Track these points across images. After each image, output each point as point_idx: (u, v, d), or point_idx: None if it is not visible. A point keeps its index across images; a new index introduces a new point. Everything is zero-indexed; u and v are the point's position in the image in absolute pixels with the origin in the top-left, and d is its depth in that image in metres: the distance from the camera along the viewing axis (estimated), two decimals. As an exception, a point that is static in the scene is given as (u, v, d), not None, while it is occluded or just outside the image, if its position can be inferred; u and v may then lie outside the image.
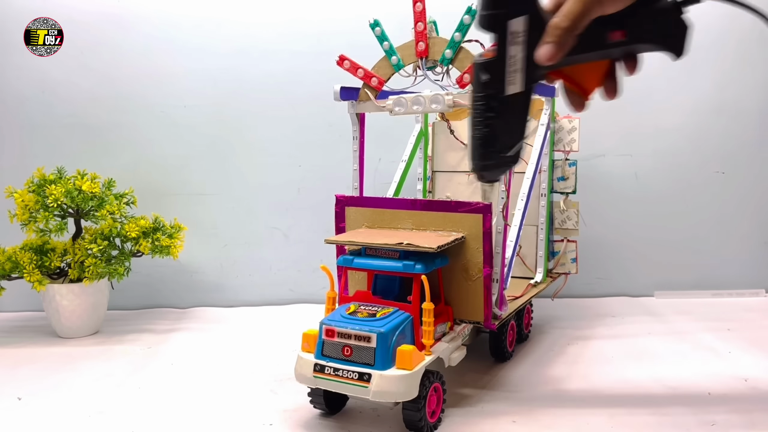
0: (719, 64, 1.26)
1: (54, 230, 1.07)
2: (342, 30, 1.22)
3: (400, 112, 0.83)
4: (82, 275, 1.08)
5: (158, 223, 1.14)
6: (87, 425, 0.75)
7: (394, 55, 0.84)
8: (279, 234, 1.30)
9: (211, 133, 1.27)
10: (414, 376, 0.67)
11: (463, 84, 0.79)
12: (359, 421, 0.75)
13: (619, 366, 0.91)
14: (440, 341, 0.76)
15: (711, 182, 1.29)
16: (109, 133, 1.25)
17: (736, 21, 1.25)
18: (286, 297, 1.30)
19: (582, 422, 0.73)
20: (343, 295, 0.85)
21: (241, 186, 1.29)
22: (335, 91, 0.88)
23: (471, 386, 0.84)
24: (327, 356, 0.70)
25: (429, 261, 0.73)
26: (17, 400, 0.82)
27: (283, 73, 1.25)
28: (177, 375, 0.91)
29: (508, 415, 0.75)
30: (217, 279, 1.30)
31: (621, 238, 1.30)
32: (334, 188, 0.95)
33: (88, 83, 1.24)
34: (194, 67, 1.25)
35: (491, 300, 0.78)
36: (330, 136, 1.26)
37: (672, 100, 1.27)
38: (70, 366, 0.95)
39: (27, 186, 1.08)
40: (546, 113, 0.98)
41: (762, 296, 1.28)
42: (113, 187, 1.13)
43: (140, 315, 1.23)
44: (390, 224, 0.84)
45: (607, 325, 1.11)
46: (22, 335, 1.12)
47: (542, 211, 1.04)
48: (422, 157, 1.11)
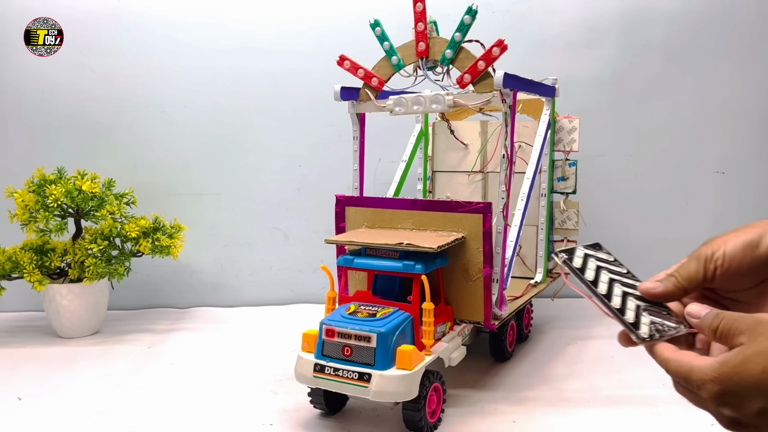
0: (719, 64, 1.26)
1: (54, 230, 1.07)
2: (342, 30, 1.22)
3: (401, 112, 0.83)
4: (82, 275, 1.08)
5: (158, 223, 1.14)
6: (87, 425, 0.75)
7: (395, 55, 0.84)
8: (279, 234, 1.30)
9: (211, 133, 1.27)
10: (414, 376, 0.67)
11: (463, 84, 0.79)
12: (359, 421, 0.75)
13: (619, 366, 0.91)
14: (440, 341, 0.76)
15: (711, 182, 1.29)
16: (109, 133, 1.25)
17: (737, 21, 1.25)
18: (286, 297, 1.30)
19: (582, 422, 0.73)
20: (343, 295, 0.85)
21: (241, 186, 1.29)
22: (335, 91, 0.88)
23: (471, 386, 0.84)
24: (327, 356, 0.70)
25: (429, 261, 0.73)
26: (17, 400, 0.82)
27: (283, 73, 1.25)
28: (177, 375, 0.91)
29: (508, 415, 0.75)
30: (217, 279, 1.30)
31: (621, 238, 1.30)
32: (334, 188, 0.95)
33: (88, 83, 1.24)
34: (194, 67, 1.25)
35: (491, 300, 0.78)
36: (330, 136, 1.26)
37: (672, 100, 1.27)
38: (70, 366, 0.95)
39: (27, 186, 1.08)
40: (546, 113, 0.98)
41: (762, 296, 1.28)
42: (113, 187, 1.13)
43: (140, 315, 1.23)
44: (390, 224, 0.84)
45: (607, 325, 1.10)
46: (22, 335, 1.12)
47: (542, 211, 1.04)
48: (422, 157, 1.11)
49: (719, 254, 0.51)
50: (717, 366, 0.45)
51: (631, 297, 0.53)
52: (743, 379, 0.43)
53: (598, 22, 1.25)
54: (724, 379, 0.44)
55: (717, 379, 0.44)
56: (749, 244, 0.50)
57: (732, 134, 1.28)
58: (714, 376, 0.44)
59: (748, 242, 0.50)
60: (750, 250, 0.50)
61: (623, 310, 0.52)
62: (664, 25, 1.25)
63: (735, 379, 0.44)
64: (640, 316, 0.52)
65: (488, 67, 0.77)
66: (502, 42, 0.75)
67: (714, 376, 0.44)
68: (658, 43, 1.25)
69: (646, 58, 1.26)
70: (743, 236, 0.50)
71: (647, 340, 0.50)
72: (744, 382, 0.43)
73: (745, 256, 0.50)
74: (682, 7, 1.24)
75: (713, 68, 1.26)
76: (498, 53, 0.75)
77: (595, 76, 1.26)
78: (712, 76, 1.26)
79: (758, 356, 0.43)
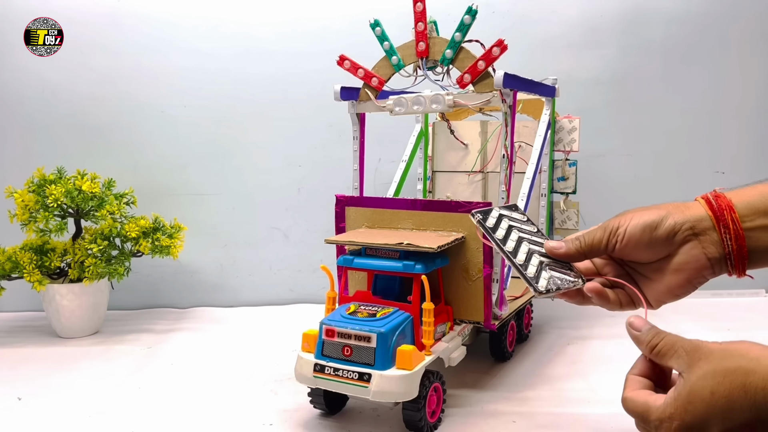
0: (719, 64, 1.26)
1: (54, 230, 1.07)
2: (342, 30, 1.22)
3: (401, 112, 0.83)
4: (82, 275, 1.08)
5: (158, 223, 1.14)
6: (87, 425, 0.75)
7: (395, 55, 0.84)
8: (279, 234, 1.30)
9: (211, 133, 1.27)
10: (414, 376, 0.67)
11: (463, 84, 0.79)
12: (359, 421, 0.75)
13: (619, 366, 0.91)
14: (440, 341, 0.76)
15: (711, 182, 1.29)
16: (109, 133, 1.25)
17: (737, 21, 1.25)
18: (286, 297, 1.30)
19: (582, 422, 0.73)
20: (343, 295, 0.85)
21: (241, 186, 1.29)
22: (335, 91, 0.88)
23: (471, 386, 0.84)
24: (327, 356, 0.70)
25: (429, 261, 0.73)
26: (17, 400, 0.82)
27: (283, 73, 1.25)
28: (177, 375, 0.91)
29: (508, 415, 0.75)
30: (217, 279, 1.30)
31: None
32: (334, 188, 0.95)
33: (88, 83, 1.24)
34: (194, 67, 1.25)
35: (491, 300, 0.78)
36: (330, 136, 1.26)
37: (672, 100, 1.27)
38: (70, 366, 0.95)
39: (27, 186, 1.08)
40: (546, 113, 0.98)
41: (762, 296, 1.28)
42: (113, 187, 1.13)
43: (140, 315, 1.23)
44: (390, 224, 0.84)
45: (607, 325, 1.11)
46: (22, 335, 1.12)
47: (542, 211, 1.04)
48: (422, 157, 1.11)
49: (621, 230, 0.55)
50: (671, 402, 0.46)
51: (536, 254, 0.59)
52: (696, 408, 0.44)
53: (598, 22, 1.25)
54: (680, 412, 0.45)
55: (674, 415, 0.45)
56: (649, 225, 0.54)
57: (732, 134, 1.28)
58: (671, 413, 0.45)
59: (649, 223, 0.54)
60: (648, 231, 0.54)
61: (526, 266, 0.58)
62: (664, 25, 1.25)
63: (690, 409, 0.44)
64: (542, 271, 0.57)
65: (488, 67, 0.77)
66: (502, 42, 0.75)
67: (671, 413, 0.45)
68: (658, 43, 1.25)
69: (646, 58, 1.26)
70: (647, 216, 0.55)
71: (543, 293, 0.55)
72: (698, 411, 0.44)
73: (643, 236, 0.54)
74: (682, 7, 1.24)
75: (713, 68, 1.26)
76: (498, 53, 0.76)
77: (595, 76, 1.26)
78: (712, 76, 1.26)
79: (703, 380, 0.44)
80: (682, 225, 0.53)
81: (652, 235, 0.54)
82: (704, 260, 0.53)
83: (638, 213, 0.55)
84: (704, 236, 0.53)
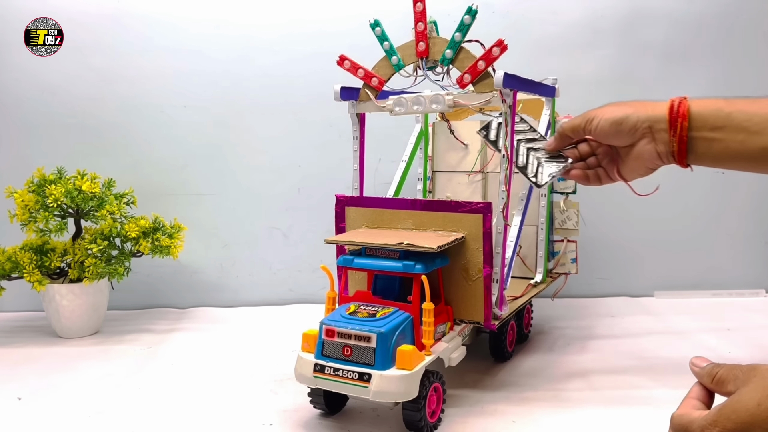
0: (719, 64, 1.26)
1: (54, 230, 1.07)
2: (342, 30, 1.22)
3: (401, 112, 0.84)
4: (82, 275, 1.08)
5: (158, 223, 1.14)
6: (87, 425, 0.75)
7: (395, 55, 0.84)
8: (279, 234, 1.30)
9: (211, 133, 1.27)
10: (414, 376, 0.67)
11: (463, 84, 0.79)
12: (359, 421, 0.75)
13: (619, 366, 0.91)
14: (440, 341, 0.76)
15: (711, 182, 1.29)
16: (109, 133, 1.25)
17: (737, 21, 1.25)
18: (286, 297, 1.30)
19: (582, 422, 0.73)
20: (343, 295, 0.85)
21: (241, 186, 1.29)
22: (335, 91, 0.88)
23: (471, 386, 0.84)
24: (327, 356, 0.70)
25: (429, 261, 0.73)
26: (17, 400, 0.82)
27: (283, 74, 1.25)
28: (177, 375, 0.91)
29: (508, 415, 0.75)
30: (217, 279, 1.30)
31: (621, 238, 1.30)
32: (334, 188, 0.95)
33: (88, 83, 1.24)
34: (194, 67, 1.25)
35: (491, 300, 0.78)
36: (330, 136, 1.26)
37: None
38: (70, 366, 0.95)
39: (27, 186, 1.08)
40: (546, 113, 0.98)
41: (762, 296, 1.28)
42: (113, 187, 1.13)
43: (140, 315, 1.23)
44: (390, 224, 0.84)
45: (607, 325, 1.11)
46: (22, 335, 1.12)
47: (542, 211, 1.03)
48: (422, 157, 1.11)
49: (596, 122, 0.71)
50: (715, 411, 0.47)
51: (532, 151, 0.76)
52: (740, 416, 0.44)
53: (598, 22, 1.25)
54: (723, 420, 0.45)
55: (716, 421, 0.45)
56: (616, 121, 0.70)
57: (732, 134, 1.28)
58: (714, 419, 0.46)
59: (616, 119, 0.70)
60: (615, 126, 0.70)
61: (526, 167, 0.77)
62: (664, 25, 1.25)
63: (733, 417, 0.45)
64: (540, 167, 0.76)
65: (488, 67, 0.77)
66: (502, 42, 0.75)
67: (714, 419, 0.46)
68: (658, 43, 1.25)
69: (646, 58, 1.26)
70: (616, 113, 0.70)
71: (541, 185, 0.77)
72: (741, 419, 0.44)
73: (611, 129, 0.70)
74: (682, 7, 1.24)
75: (713, 68, 1.26)
76: (498, 53, 0.76)
77: (595, 76, 1.26)
78: (712, 76, 1.26)
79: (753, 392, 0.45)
80: (643, 123, 0.69)
81: (618, 129, 0.69)
82: (655, 153, 0.70)
83: (611, 108, 0.71)
84: (658, 135, 0.69)
